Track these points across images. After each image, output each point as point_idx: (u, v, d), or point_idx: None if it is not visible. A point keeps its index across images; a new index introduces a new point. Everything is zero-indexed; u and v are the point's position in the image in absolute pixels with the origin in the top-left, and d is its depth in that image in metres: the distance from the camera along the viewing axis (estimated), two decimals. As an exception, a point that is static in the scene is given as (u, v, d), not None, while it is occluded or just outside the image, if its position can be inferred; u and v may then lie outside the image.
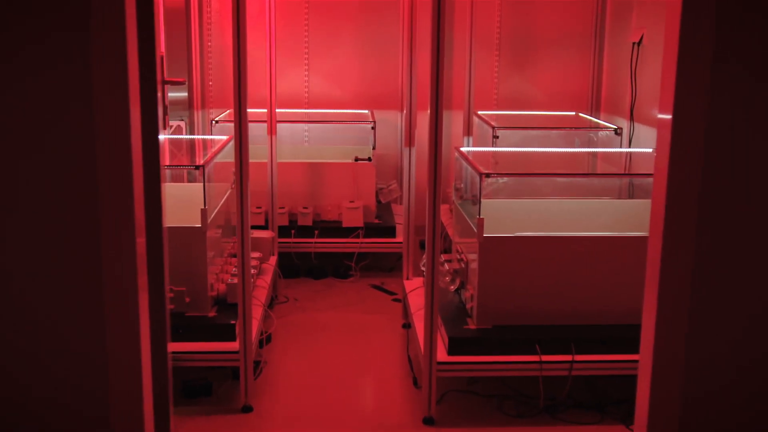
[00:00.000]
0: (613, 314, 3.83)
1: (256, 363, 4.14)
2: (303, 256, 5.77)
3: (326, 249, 5.72)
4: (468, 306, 3.92)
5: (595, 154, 5.17)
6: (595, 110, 6.77)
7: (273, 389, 4.07)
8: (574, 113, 6.59)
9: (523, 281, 3.79)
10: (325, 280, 5.78)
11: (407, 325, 4.78)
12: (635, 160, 5.01)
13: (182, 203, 4.22)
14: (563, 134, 5.97)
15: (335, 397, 4.02)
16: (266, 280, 4.73)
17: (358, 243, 5.71)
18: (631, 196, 5.21)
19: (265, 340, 4.44)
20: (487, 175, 3.69)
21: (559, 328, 3.79)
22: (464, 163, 4.32)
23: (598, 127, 5.75)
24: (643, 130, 5.80)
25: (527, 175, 4.30)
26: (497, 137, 5.48)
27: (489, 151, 4.79)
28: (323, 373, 4.26)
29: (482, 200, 3.73)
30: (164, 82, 3.05)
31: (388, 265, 6.05)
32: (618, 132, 5.51)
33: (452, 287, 4.08)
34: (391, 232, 5.82)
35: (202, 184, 3.89)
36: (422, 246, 6.55)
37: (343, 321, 5.02)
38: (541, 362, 3.63)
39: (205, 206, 3.83)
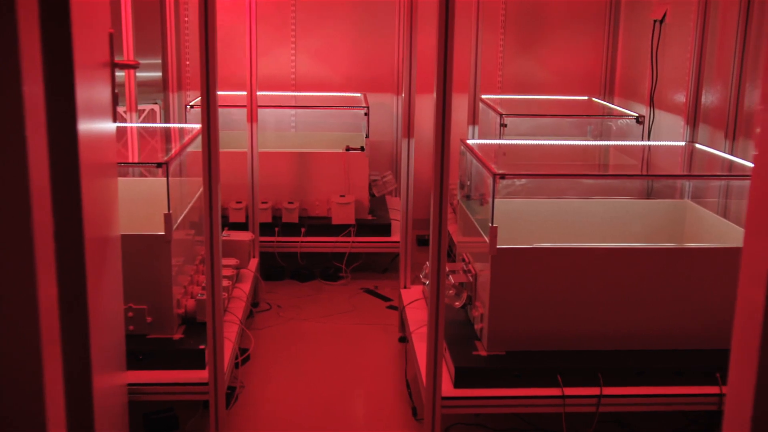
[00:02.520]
0: (649, 339, 3.29)
1: (231, 389, 3.58)
2: (288, 257, 5.20)
3: (314, 249, 5.16)
4: (477, 327, 3.37)
5: (617, 146, 4.60)
6: (608, 95, 6.21)
7: (250, 420, 3.52)
8: (586, 98, 6.02)
9: (542, 300, 3.24)
10: (313, 283, 5.22)
11: (404, 339, 4.23)
12: (656, 154, 4.44)
13: (150, 203, 3.65)
14: (577, 122, 5.40)
15: (322, 428, 3.47)
16: (244, 288, 4.17)
17: (349, 242, 5.15)
18: (648, 195, 4.65)
19: (240, 362, 3.88)
20: (502, 177, 3.12)
21: (584, 355, 3.24)
22: (471, 158, 3.76)
23: (617, 114, 5.17)
24: (664, 118, 5.23)
25: (549, 176, 3.73)
26: (505, 125, 4.91)
27: (498, 144, 4.22)
28: (308, 399, 3.71)
29: (494, 203, 3.16)
30: (113, 65, 2.46)
31: (383, 265, 5.49)
32: (640, 120, 4.94)
33: (457, 303, 3.52)
34: (386, 230, 5.26)
35: (173, 182, 3.32)
36: (420, 242, 6.00)
37: (331, 333, 4.46)
38: (563, 396, 3.08)
39: (169, 210, 3.25)
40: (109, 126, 2.43)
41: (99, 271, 2.34)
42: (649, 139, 5.11)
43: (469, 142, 3.84)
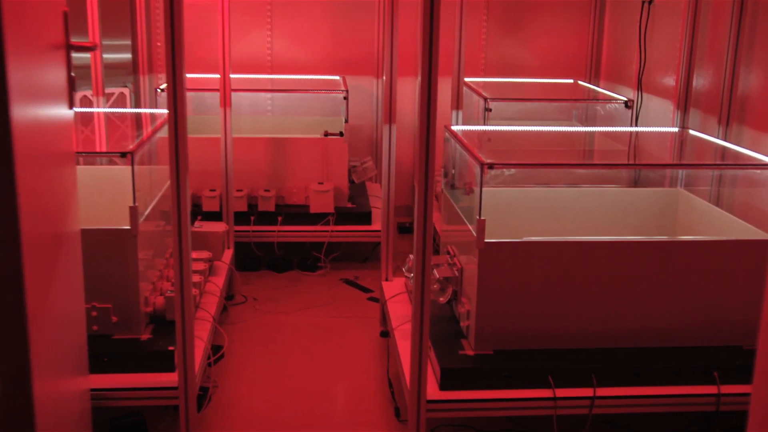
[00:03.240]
0: (645, 336, 3.13)
1: (204, 389, 3.39)
2: (264, 247, 5.00)
3: (291, 238, 4.96)
4: (463, 324, 3.19)
5: (607, 132, 4.43)
6: (594, 78, 6.03)
7: (224, 421, 3.33)
8: (572, 81, 5.84)
9: (532, 296, 3.06)
10: (290, 273, 5.03)
11: (386, 334, 4.05)
12: (648, 140, 4.27)
13: (119, 194, 3.43)
14: (563, 106, 5.23)
15: (300, 429, 3.30)
16: (218, 282, 3.97)
17: (328, 231, 4.95)
18: (639, 183, 4.48)
19: (214, 360, 3.68)
20: (490, 166, 2.94)
21: (576, 354, 3.08)
22: (456, 146, 3.57)
23: (605, 98, 5.00)
24: (653, 102, 5.07)
25: (540, 166, 3.55)
26: (490, 110, 4.72)
27: (484, 130, 4.03)
28: (285, 398, 3.52)
29: (482, 194, 2.98)
30: (69, 47, 2.25)
31: (363, 254, 5.30)
32: (628, 105, 4.77)
33: (442, 299, 3.35)
34: (366, 218, 5.07)
35: (141, 171, 3.12)
36: (401, 230, 5.82)
37: (310, 327, 4.27)
38: (555, 398, 2.92)
39: (134, 203, 3.04)
40: (64, 112, 2.22)
41: (51, 269, 2.13)
42: (636, 124, 4.95)
43: (454, 128, 3.65)
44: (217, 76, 4.44)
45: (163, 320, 3.27)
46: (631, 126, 4.85)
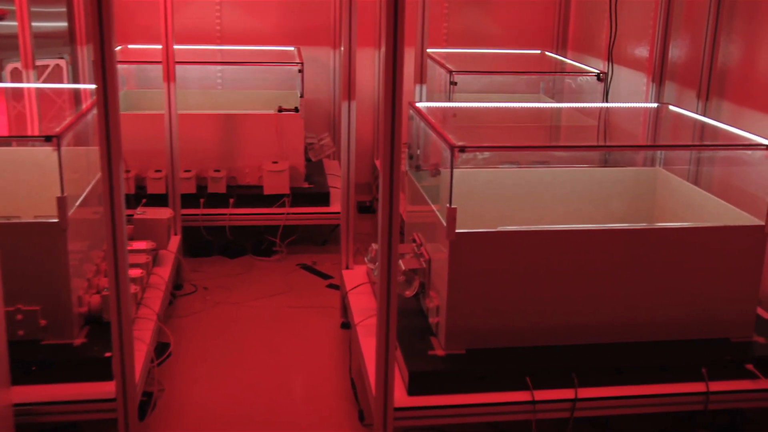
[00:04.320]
0: (628, 330, 2.91)
1: (148, 394, 3.08)
2: (215, 231, 4.67)
3: (244, 222, 4.64)
4: (432, 321, 2.93)
5: (581, 108, 4.18)
6: (561, 48, 5.77)
7: (172, 428, 3.03)
8: (539, 52, 5.57)
9: (507, 290, 2.81)
10: (243, 259, 4.71)
11: (347, 325, 3.77)
12: (625, 117, 4.03)
13: (48, 180, 3.08)
14: (531, 79, 4.96)
15: (255, 441, 3.02)
16: (163, 274, 3.64)
17: (283, 214, 4.64)
18: (607, 162, 4.23)
19: (160, 360, 3.37)
20: (462, 150, 2.65)
21: (556, 352, 2.83)
22: (422, 124, 3.28)
23: (577, 71, 4.74)
24: (624, 75, 4.83)
25: (516, 148, 3.27)
26: (455, 83, 4.43)
27: (451, 108, 3.73)
28: (239, 399, 3.23)
29: (453, 180, 2.70)
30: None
31: (321, 237, 5.00)
32: (601, 77, 4.52)
33: (408, 292, 3.07)
34: (324, 199, 4.76)
35: (75, 154, 2.78)
36: (361, 209, 5.52)
37: (265, 318, 3.98)
38: (534, 402, 2.68)
39: (63, 193, 2.70)
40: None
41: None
42: (607, 98, 4.69)
43: (419, 104, 3.36)
44: (159, 47, 4.07)
45: (100, 321, 2.95)
46: (602, 99, 4.60)
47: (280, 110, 4.79)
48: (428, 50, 4.51)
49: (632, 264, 2.86)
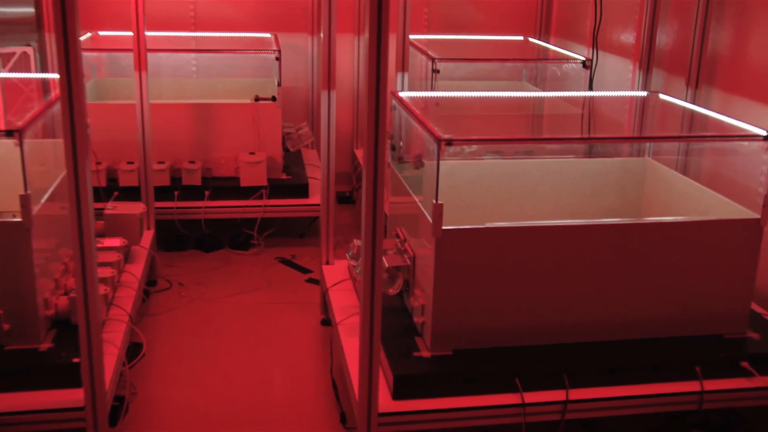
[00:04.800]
0: (619, 328, 2.81)
1: (120, 399, 2.94)
2: (191, 224, 4.53)
3: (220, 215, 4.49)
4: (417, 320, 2.81)
5: (568, 97, 4.06)
6: (544, 34, 5.66)
7: (145, 435, 2.91)
8: (522, 38, 5.45)
9: (496, 288, 2.70)
10: (220, 253, 4.57)
11: (327, 322, 3.65)
12: (614, 106, 3.93)
13: (11, 175, 2.92)
14: (516, 67, 4.85)
15: (233, 446, 2.90)
16: (136, 271, 3.49)
17: (261, 206, 4.50)
18: (593, 153, 4.13)
19: (135, 362, 3.22)
20: (449, 143, 2.53)
21: (546, 352, 2.73)
22: (404, 114, 3.15)
23: (562, 58, 4.62)
24: (609, 62, 4.72)
25: (505, 141, 3.15)
26: (437, 71, 4.30)
27: (434, 97, 3.60)
28: (216, 400, 3.11)
29: (439, 175, 2.58)
30: None
31: (300, 230, 4.87)
32: (586, 64, 4.41)
33: (392, 290, 2.95)
34: (302, 190, 4.63)
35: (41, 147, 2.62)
36: (340, 200, 5.39)
37: (242, 315, 3.84)
38: (524, 405, 2.57)
39: (26, 191, 2.54)
40: None
41: None
42: (592, 86, 4.58)
43: (402, 94, 3.23)
44: (130, 33, 3.90)
45: (68, 324, 2.80)
46: (587, 87, 4.49)
47: (257, 99, 4.64)
48: (410, 37, 4.37)
49: (624, 260, 2.76)
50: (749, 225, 2.77)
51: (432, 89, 4.34)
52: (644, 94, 3.59)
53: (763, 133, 2.71)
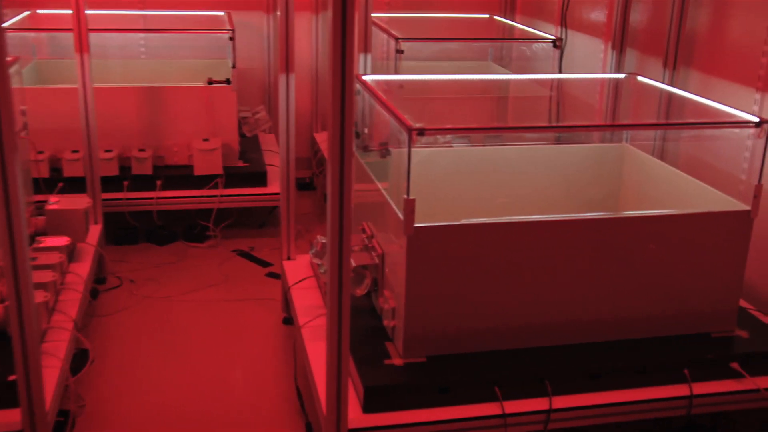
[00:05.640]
0: (603, 329, 2.64)
1: (65, 413, 2.70)
2: (142, 216, 4.26)
3: (173, 206, 4.24)
4: (388, 324, 2.61)
5: (540, 79, 3.87)
6: (509, 12, 5.45)
7: (93, 453, 2.68)
8: (487, 16, 5.24)
9: (472, 289, 2.50)
10: (174, 246, 4.32)
11: (289, 320, 3.44)
12: (590, 89, 3.75)
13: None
14: (483, 46, 4.64)
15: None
16: (81, 271, 3.24)
17: (216, 196, 4.25)
18: (559, 139, 3.94)
19: (79, 374, 2.97)
20: (420, 132, 2.31)
21: (526, 356, 2.55)
22: (370, 100, 2.93)
23: (531, 38, 4.43)
24: (579, 41, 4.54)
25: (481, 130, 2.94)
26: (401, 51, 4.08)
27: (399, 80, 3.38)
28: (170, 409, 2.88)
29: (410, 168, 2.36)
30: None
31: (258, 220, 4.63)
32: (557, 44, 4.22)
33: (358, 291, 2.74)
34: (260, 179, 4.39)
35: None
36: (300, 187, 5.16)
37: (199, 314, 3.61)
38: (504, 415, 2.39)
39: (-51, 190, 2.27)
40: None
41: None
42: (561, 66, 4.39)
43: (366, 78, 3.00)
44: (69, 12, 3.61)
45: (4, 336, 2.54)
46: (557, 67, 4.30)
47: (211, 82, 4.37)
48: (373, 15, 4.14)
49: (607, 256, 2.58)
50: (738, 217, 2.61)
51: (396, 70, 4.12)
52: (622, 76, 3.41)
53: (755, 119, 2.55)
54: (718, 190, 2.75)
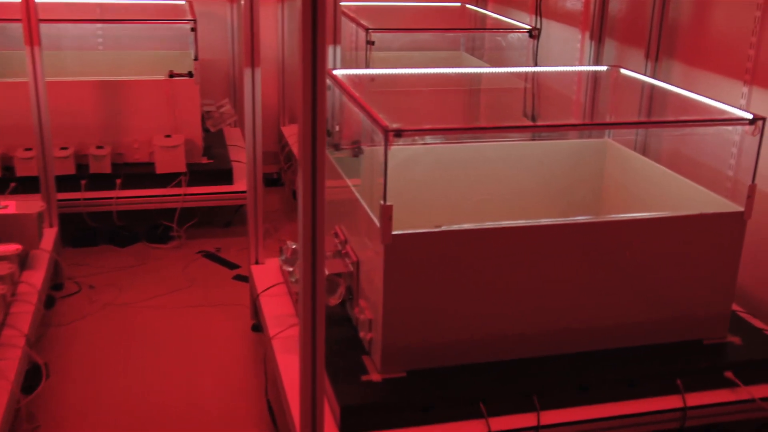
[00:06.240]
0: (591, 337, 2.51)
1: (18, 437, 2.52)
2: (101, 217, 4.05)
3: (134, 205, 4.04)
4: (365, 337, 2.45)
5: (518, 72, 3.72)
6: (482, 0, 5.30)
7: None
8: (459, 4, 5.08)
9: (454, 299, 2.35)
10: (136, 247, 4.11)
11: (258, 328, 3.27)
12: (569, 82, 3.60)
13: None
14: (456, 36, 4.49)
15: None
16: (35, 280, 3.03)
17: (179, 195, 4.05)
18: (537, 136, 3.79)
19: (31, 393, 2.78)
20: (397, 134, 2.15)
21: (512, 369, 2.40)
22: (342, 96, 2.76)
23: (506, 27, 4.28)
24: (555, 31, 4.40)
25: (464, 130, 2.78)
26: (372, 43, 3.90)
27: (371, 74, 3.21)
28: (133, 427, 2.71)
29: (387, 171, 2.20)
30: None
31: (224, 218, 4.44)
32: (533, 34, 4.07)
33: (332, 300, 2.58)
34: (226, 176, 4.20)
35: None
36: (268, 183, 4.97)
37: (163, 322, 3.42)
38: (489, 433, 2.25)
39: None
40: None
41: None
42: (537, 57, 4.24)
43: (336, 72, 2.82)
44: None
45: (-53, 356, 2.35)
46: (532, 57, 4.15)
47: (172, 75, 4.16)
48: (341, 4, 3.96)
49: (595, 261, 2.44)
50: (732, 219, 2.48)
51: (367, 62, 3.94)
52: (604, 68, 3.27)
53: (748, 116, 2.42)
54: (704, 188, 2.62)
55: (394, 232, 2.22)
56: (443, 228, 2.30)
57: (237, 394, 2.92)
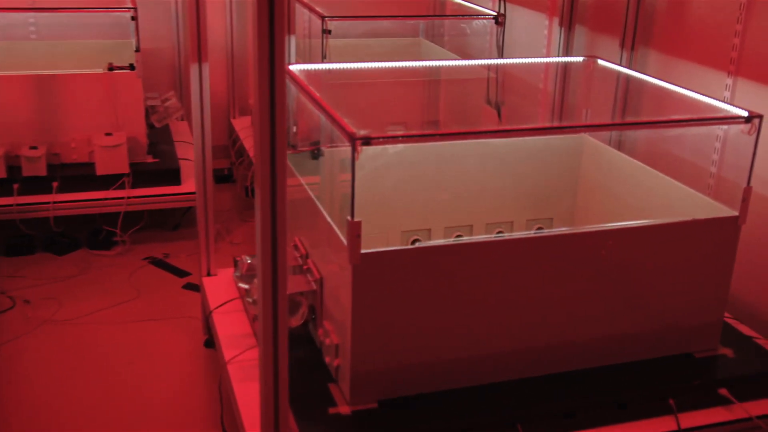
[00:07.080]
0: (577, 355, 2.31)
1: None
2: (37, 223, 3.74)
3: (73, 210, 3.74)
4: (332, 363, 2.21)
5: (483, 63, 3.50)
6: (440, -17, 5.06)
7: None
8: (418, -11, 4.84)
9: (428, 321, 2.13)
10: (76, 254, 3.81)
11: (210, 343, 3.02)
12: (546, 75, 3.39)
13: None
14: (415, 24, 4.25)
15: None
16: (-39, 301, 2.74)
17: (123, 198, 3.76)
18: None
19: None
20: (366, 141, 1.90)
21: (493, 394, 2.19)
22: (301, 97, 2.50)
23: (471, 14, 4.05)
24: (520, 16, 4.19)
25: (442, 136, 2.54)
26: (329, 31, 3.64)
27: (329, 69, 2.96)
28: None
29: (355, 184, 1.96)
30: None
31: (172, 221, 4.15)
32: (499, 20, 3.84)
33: (294, 322, 2.34)
34: (173, 176, 3.92)
35: None
36: (218, 179, 4.69)
37: (107, 339, 3.14)
38: (471, 469, 2.04)
39: None
40: None
41: None
42: (503, 46, 4.02)
43: (293, 68, 2.57)
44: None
45: None
46: (497, 45, 3.93)
47: (112, 68, 3.85)
48: (293, -10, 3.69)
49: (579, 275, 2.24)
50: (725, 224, 2.30)
51: (323, 52, 3.69)
52: (580, 59, 3.06)
53: (743, 113, 2.23)
54: (688, 187, 2.45)
55: (364, 251, 1.99)
56: (418, 245, 2.07)
57: (191, 421, 2.67)
